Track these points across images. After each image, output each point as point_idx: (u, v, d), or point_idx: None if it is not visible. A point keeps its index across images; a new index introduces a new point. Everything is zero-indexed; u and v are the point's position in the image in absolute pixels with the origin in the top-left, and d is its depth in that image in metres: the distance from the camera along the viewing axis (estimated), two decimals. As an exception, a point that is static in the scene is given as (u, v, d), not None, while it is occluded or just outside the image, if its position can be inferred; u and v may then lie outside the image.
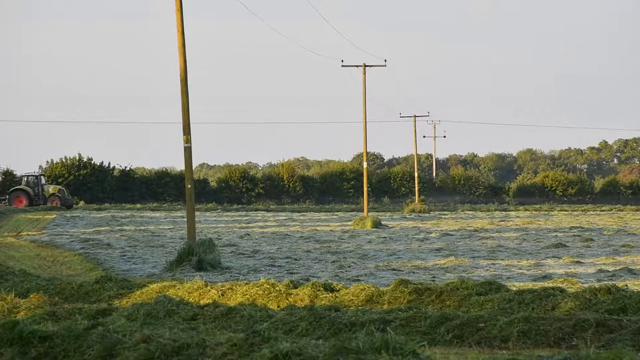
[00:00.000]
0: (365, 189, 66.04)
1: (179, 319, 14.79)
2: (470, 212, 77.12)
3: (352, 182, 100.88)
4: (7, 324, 10.02)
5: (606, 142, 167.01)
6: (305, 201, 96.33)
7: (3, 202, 75.25)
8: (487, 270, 25.72)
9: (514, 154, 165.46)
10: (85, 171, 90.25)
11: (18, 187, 76.89)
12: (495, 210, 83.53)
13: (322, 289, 18.16)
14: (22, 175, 79.84)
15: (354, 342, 8.91)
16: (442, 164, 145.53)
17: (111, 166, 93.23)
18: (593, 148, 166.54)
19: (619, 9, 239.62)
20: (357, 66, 65.08)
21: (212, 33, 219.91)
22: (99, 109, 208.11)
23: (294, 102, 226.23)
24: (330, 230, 47.11)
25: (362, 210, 71.42)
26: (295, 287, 18.55)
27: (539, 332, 13.05)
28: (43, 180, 78.07)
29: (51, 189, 76.11)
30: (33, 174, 78.78)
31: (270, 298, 17.97)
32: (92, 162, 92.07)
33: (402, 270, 25.73)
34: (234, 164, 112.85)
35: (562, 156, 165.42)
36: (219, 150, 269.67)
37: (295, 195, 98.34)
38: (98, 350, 9.53)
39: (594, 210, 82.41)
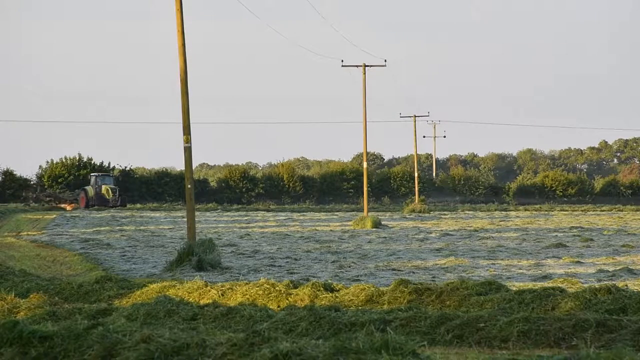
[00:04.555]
0: (365, 189, 66.03)
1: (179, 319, 14.79)
2: (470, 212, 77.11)
3: (352, 182, 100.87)
4: (7, 324, 10.02)
5: (606, 142, 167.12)
6: (305, 201, 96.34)
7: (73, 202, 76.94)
8: (487, 270, 25.72)
9: (514, 154, 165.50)
10: (85, 171, 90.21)
11: (85, 187, 77.94)
12: (495, 210, 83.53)
13: (322, 289, 18.16)
14: (90, 175, 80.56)
15: (354, 342, 8.91)
16: (442, 164, 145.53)
17: (111, 166, 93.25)
18: (593, 148, 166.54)
19: (619, 9, 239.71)
20: (357, 66, 65.07)
21: (212, 33, 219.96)
22: (99, 109, 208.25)
23: (294, 102, 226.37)
24: (330, 230, 47.10)
25: (362, 210, 71.42)
26: (295, 287, 18.54)
27: (539, 332, 13.05)
28: (107, 181, 78.41)
29: (102, 189, 76.60)
30: (96, 174, 79.45)
31: (270, 298, 17.97)
32: (92, 162, 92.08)
33: (402, 270, 25.72)
34: (234, 164, 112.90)
35: (562, 156, 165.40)
36: (219, 150, 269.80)
37: (295, 195, 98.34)
38: (98, 350, 9.53)
39: (594, 210, 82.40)
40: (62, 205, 75.35)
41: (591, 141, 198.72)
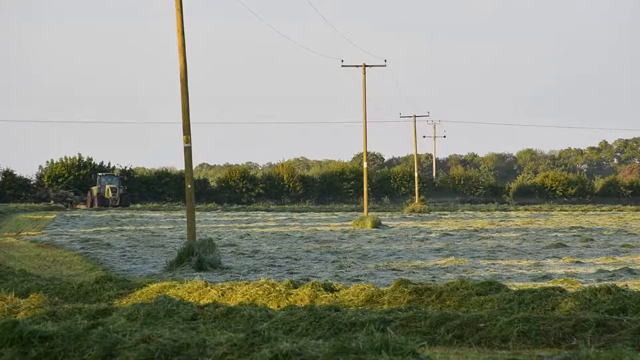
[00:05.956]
0: (365, 189, 66.02)
1: (179, 319, 14.79)
2: (470, 212, 77.10)
3: (352, 182, 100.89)
4: (7, 324, 10.03)
5: (606, 142, 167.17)
6: (305, 201, 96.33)
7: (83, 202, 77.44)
8: (487, 270, 25.72)
9: (514, 154, 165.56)
10: (85, 171, 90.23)
11: (92, 187, 78.18)
12: (495, 210, 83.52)
13: (322, 289, 18.16)
14: (97, 175, 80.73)
15: (354, 342, 8.92)
16: (442, 164, 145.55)
17: (111, 166, 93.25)
18: (593, 148, 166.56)
19: (619, 9, 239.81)
20: (357, 66, 65.08)
21: (212, 33, 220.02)
22: (99, 109, 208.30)
23: (294, 102, 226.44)
24: (330, 230, 47.10)
25: (362, 210, 71.42)
26: (295, 287, 18.55)
27: (539, 332, 13.05)
28: (112, 180, 78.47)
29: (105, 189, 76.87)
30: (101, 174, 79.63)
31: (270, 298, 17.97)
32: (92, 162, 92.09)
33: (402, 270, 25.72)
34: (234, 164, 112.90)
35: (562, 156, 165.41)
36: (219, 150, 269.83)
37: (295, 195, 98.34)
38: (98, 350, 9.54)
39: (594, 210, 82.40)
40: (79, 206, 76.39)
41: (591, 141, 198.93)
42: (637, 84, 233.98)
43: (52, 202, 78.97)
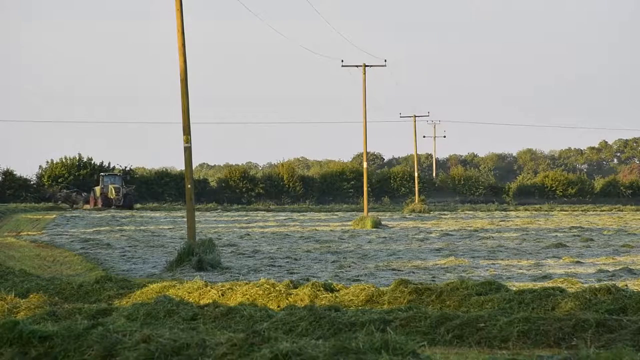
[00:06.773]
0: (365, 189, 66.00)
1: (179, 319, 14.79)
2: (470, 212, 77.10)
3: (352, 182, 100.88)
4: (7, 324, 10.03)
5: (606, 142, 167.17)
6: (305, 201, 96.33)
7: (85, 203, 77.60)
8: (487, 270, 25.72)
9: (514, 154, 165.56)
10: (85, 171, 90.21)
11: (95, 187, 78.19)
12: (495, 210, 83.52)
13: (322, 289, 18.16)
14: (100, 175, 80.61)
15: (354, 342, 8.92)
16: (442, 164, 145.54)
17: (111, 166, 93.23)
18: (593, 148, 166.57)
19: (619, 9, 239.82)
20: (357, 66, 65.04)
21: (212, 33, 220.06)
22: (99, 109, 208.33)
23: (294, 102, 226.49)
24: (330, 230, 47.09)
25: (362, 210, 71.39)
26: (295, 287, 18.54)
27: (539, 332, 13.05)
28: (114, 180, 78.43)
29: (108, 189, 76.97)
30: (104, 174, 79.57)
31: (270, 298, 17.97)
32: (92, 162, 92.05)
33: (402, 270, 25.72)
34: (234, 164, 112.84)
35: (562, 156, 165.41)
36: (219, 150, 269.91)
37: (295, 195, 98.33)
38: (98, 350, 9.54)
39: (594, 210, 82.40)
40: (85, 206, 76.55)
41: (591, 141, 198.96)
42: (637, 84, 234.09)
43: (59, 202, 79.05)
